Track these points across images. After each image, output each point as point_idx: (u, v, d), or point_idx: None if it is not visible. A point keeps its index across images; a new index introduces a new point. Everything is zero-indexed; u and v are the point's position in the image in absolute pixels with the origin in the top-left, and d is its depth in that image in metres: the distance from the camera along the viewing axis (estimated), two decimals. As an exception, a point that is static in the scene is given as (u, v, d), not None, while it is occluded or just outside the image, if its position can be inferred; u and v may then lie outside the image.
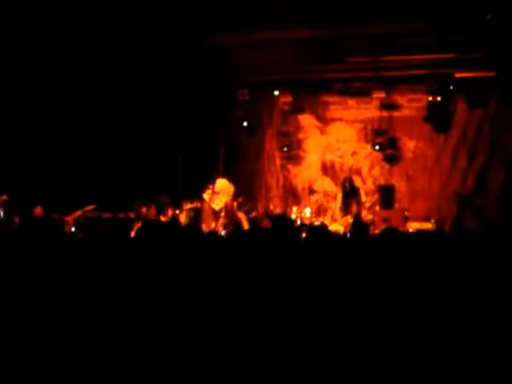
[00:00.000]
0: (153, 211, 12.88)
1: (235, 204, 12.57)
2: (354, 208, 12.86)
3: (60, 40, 11.88)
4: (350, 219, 12.13)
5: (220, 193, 12.27)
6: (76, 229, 11.43)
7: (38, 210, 11.64)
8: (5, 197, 11.47)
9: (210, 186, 12.48)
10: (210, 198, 12.30)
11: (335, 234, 4.93)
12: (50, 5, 10.99)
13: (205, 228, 12.61)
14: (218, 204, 12.19)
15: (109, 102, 13.48)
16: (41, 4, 10.97)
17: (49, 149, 13.06)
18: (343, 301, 3.13)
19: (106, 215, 12.09)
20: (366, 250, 4.28)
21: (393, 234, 4.62)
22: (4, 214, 11.35)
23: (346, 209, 12.91)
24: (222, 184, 12.48)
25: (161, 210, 12.96)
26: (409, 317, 3.11)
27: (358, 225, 7.33)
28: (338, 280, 3.33)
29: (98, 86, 13.17)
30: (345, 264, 3.90)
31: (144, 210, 12.69)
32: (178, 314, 2.77)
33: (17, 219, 11.00)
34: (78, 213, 12.01)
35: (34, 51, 11.92)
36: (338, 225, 12.43)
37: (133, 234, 4.59)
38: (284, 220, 11.42)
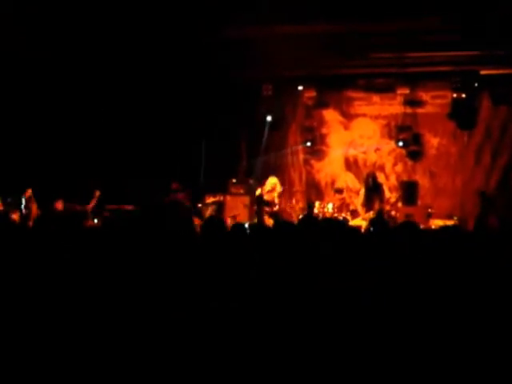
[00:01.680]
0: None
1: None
2: (377, 204, 12.83)
3: (65, 38, 11.93)
4: (372, 215, 12.15)
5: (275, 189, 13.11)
6: (98, 220, 11.60)
7: (59, 204, 11.82)
8: (29, 191, 11.63)
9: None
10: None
11: (354, 228, 4.92)
12: (50, 5, 11.03)
13: (227, 221, 12.73)
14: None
15: (133, 97, 13.56)
16: (41, 4, 11.01)
17: (71, 144, 13.21)
18: (353, 300, 3.16)
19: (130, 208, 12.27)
20: (383, 245, 4.30)
21: (411, 228, 4.64)
22: (28, 207, 11.49)
23: (368, 205, 12.87)
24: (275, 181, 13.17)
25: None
26: (421, 315, 3.13)
27: (379, 221, 7.33)
28: (349, 278, 3.36)
29: (121, 80, 13.25)
30: (359, 260, 3.91)
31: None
32: (185, 306, 2.81)
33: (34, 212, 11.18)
34: (93, 201, 12.29)
35: (34, 51, 12.00)
36: (361, 220, 12.43)
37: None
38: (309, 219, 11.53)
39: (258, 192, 13.23)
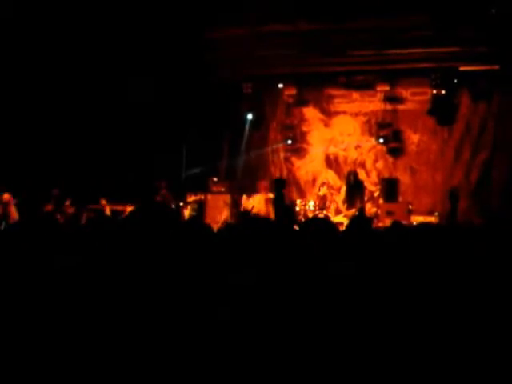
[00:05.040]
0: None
1: None
2: (358, 201, 12.88)
3: (60, 35, 11.88)
4: (355, 212, 12.21)
5: None
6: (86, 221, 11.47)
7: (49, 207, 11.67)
8: (6, 195, 11.44)
9: None
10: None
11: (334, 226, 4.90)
12: (48, 4, 10.99)
13: (209, 220, 12.70)
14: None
15: (114, 95, 13.48)
16: (40, 4, 10.97)
17: (53, 145, 13.09)
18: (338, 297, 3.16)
19: (114, 207, 12.19)
20: (364, 243, 4.29)
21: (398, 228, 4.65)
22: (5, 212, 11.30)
23: (350, 202, 12.93)
24: None
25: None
26: (405, 314, 3.13)
27: (361, 219, 7.35)
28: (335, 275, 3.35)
29: (102, 81, 13.18)
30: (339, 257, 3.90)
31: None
32: (177, 312, 2.79)
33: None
34: (68, 202, 12.08)
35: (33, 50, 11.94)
36: (342, 217, 12.46)
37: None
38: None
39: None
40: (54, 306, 2.87)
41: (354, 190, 13.13)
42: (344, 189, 13.30)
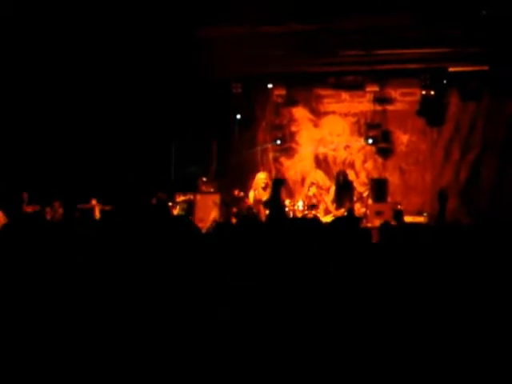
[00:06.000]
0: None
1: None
2: (347, 201, 12.88)
3: (53, 37, 11.85)
4: (344, 212, 12.23)
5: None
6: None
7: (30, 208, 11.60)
8: None
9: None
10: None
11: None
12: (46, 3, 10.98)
13: (198, 220, 12.66)
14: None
15: (102, 96, 13.43)
16: (39, 3, 10.95)
17: (43, 144, 13.03)
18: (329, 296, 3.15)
19: (105, 207, 12.16)
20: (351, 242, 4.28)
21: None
22: None
23: (339, 202, 12.93)
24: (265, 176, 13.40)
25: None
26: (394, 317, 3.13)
27: (348, 219, 7.35)
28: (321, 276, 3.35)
29: (91, 80, 13.12)
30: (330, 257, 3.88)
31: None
32: (177, 311, 2.77)
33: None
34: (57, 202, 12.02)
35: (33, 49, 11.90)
36: (331, 217, 12.45)
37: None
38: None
39: (252, 195, 13.12)
40: (51, 306, 2.84)
41: (343, 190, 13.13)
42: (333, 189, 13.31)
